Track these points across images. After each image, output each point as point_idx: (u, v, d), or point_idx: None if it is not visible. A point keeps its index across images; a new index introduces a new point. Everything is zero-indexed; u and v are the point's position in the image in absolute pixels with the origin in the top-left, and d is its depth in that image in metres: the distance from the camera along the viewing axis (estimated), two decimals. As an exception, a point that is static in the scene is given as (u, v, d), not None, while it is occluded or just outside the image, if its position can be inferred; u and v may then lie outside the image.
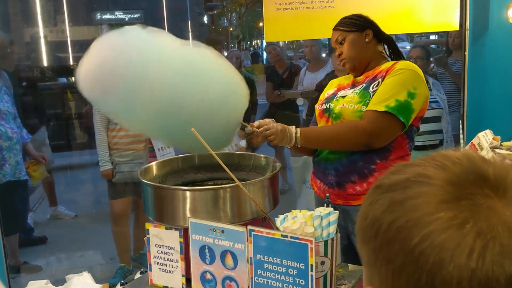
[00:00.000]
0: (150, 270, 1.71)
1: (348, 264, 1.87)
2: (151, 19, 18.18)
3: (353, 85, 2.26)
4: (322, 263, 1.54)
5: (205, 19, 19.33)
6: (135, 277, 1.90)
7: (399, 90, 2.06)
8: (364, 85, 2.18)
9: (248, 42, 23.51)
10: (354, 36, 2.22)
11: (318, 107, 2.34)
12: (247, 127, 2.00)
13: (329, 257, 1.54)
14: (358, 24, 2.22)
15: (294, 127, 2.08)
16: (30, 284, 2.07)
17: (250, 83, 5.64)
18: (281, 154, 5.69)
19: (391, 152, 2.15)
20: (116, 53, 1.70)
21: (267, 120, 2.08)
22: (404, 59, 2.28)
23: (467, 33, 3.33)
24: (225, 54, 6.00)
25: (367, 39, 2.22)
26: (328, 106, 2.26)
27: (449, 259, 0.54)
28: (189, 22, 17.74)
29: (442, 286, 0.55)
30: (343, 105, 2.18)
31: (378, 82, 2.12)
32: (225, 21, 20.31)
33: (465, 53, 3.38)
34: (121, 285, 1.87)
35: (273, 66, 5.93)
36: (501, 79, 3.28)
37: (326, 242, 1.53)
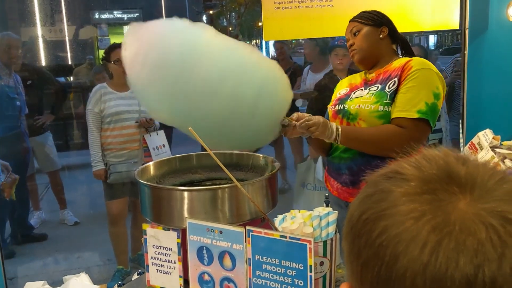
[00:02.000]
0: (148, 271, 1.70)
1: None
2: (150, 18, 18.14)
3: (366, 84, 2.24)
4: (321, 263, 1.52)
5: (204, 18, 19.33)
6: (133, 278, 1.88)
7: (425, 93, 2.04)
8: (379, 85, 2.15)
9: (247, 42, 23.51)
10: (369, 30, 2.20)
11: (331, 108, 2.32)
12: (286, 120, 1.98)
13: (328, 257, 1.53)
14: (376, 19, 2.21)
15: (335, 124, 2.07)
16: (27, 286, 2.06)
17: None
18: (281, 154, 5.68)
19: None
20: (167, 43, 1.72)
21: (305, 113, 2.05)
22: None
23: (467, 32, 3.32)
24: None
25: (381, 35, 2.21)
26: (342, 107, 2.24)
27: (404, 252, 0.53)
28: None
29: (398, 281, 0.54)
30: (359, 106, 2.15)
31: (394, 82, 2.09)
32: (224, 20, 20.30)
33: (465, 52, 3.36)
34: (118, 286, 1.85)
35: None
36: (500, 77, 3.27)
37: (325, 242, 1.52)
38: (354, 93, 2.24)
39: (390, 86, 2.10)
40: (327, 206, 1.76)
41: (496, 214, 0.53)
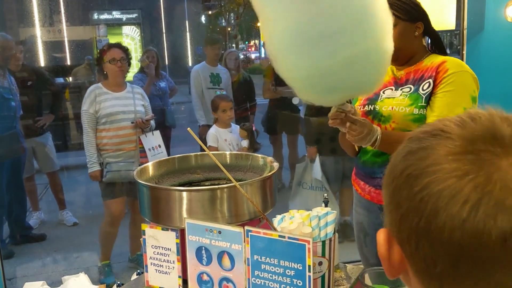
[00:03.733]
0: (147, 272, 1.70)
1: (346, 265, 1.86)
2: (149, 19, 18.17)
3: (396, 83, 2.15)
4: (320, 263, 1.52)
5: (203, 19, 19.33)
6: (132, 278, 1.88)
7: (464, 98, 1.98)
8: (411, 86, 2.08)
9: (246, 42, 23.51)
10: (404, 26, 2.07)
11: (359, 108, 2.21)
12: (347, 105, 1.90)
13: (327, 257, 1.53)
14: (412, 14, 2.08)
15: (378, 129, 1.96)
16: (26, 286, 2.06)
17: (249, 84, 5.66)
18: (279, 154, 5.69)
19: None
20: None
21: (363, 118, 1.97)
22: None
23: (465, 32, 3.32)
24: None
25: (416, 33, 2.09)
26: (372, 108, 2.16)
27: (444, 208, 0.56)
28: (187, 22, 17.73)
29: (436, 234, 0.57)
30: (392, 108, 2.08)
31: (429, 83, 2.02)
32: (223, 21, 20.30)
33: (463, 52, 3.37)
34: (117, 286, 1.85)
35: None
36: (497, 77, 3.27)
37: (324, 242, 1.52)
38: (383, 93, 2.16)
39: (424, 88, 2.03)
40: (326, 206, 1.76)
41: None
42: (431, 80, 2.03)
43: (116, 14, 18.78)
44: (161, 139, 4.04)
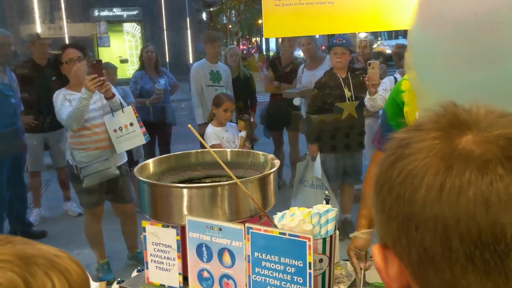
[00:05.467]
0: (147, 268, 1.70)
1: (347, 262, 1.86)
2: (149, 16, 18.17)
3: None
4: (321, 260, 1.52)
5: (204, 16, 19.32)
6: (132, 275, 1.88)
7: None
8: None
9: (247, 39, 23.49)
10: None
11: None
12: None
13: (328, 254, 1.53)
14: None
15: None
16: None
17: (249, 81, 5.65)
18: (280, 151, 5.69)
19: None
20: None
21: None
22: None
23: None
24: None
25: None
26: None
27: (420, 183, 0.58)
28: (188, 19, 17.73)
29: (419, 212, 0.58)
30: None
31: None
32: (224, 18, 20.29)
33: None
34: (118, 283, 1.85)
35: (273, 59, 5.89)
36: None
37: (324, 239, 1.52)
38: None
39: None
40: (327, 203, 1.76)
41: (502, 137, 0.58)
42: None
43: (117, 11, 18.78)
44: (133, 116, 3.64)
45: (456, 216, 0.55)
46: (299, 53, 6.97)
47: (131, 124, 3.63)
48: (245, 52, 16.28)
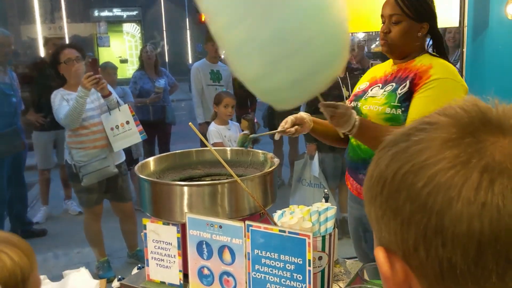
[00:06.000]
0: (148, 266, 1.71)
1: (346, 260, 1.88)
2: (149, 16, 18.17)
3: (385, 81, 2.12)
4: (320, 258, 1.53)
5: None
6: (133, 273, 1.89)
7: (439, 105, 1.86)
8: (394, 84, 2.05)
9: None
10: (409, 25, 2.01)
11: (348, 103, 2.21)
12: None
13: (327, 252, 1.54)
14: (421, 13, 2.01)
15: (355, 114, 1.93)
16: (27, 280, 2.06)
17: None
18: (280, 150, 5.70)
19: None
20: None
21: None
22: (447, 59, 2.10)
23: (465, 29, 3.32)
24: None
25: (420, 33, 2.03)
26: (356, 105, 2.15)
27: (457, 196, 0.53)
28: (187, 19, 17.72)
29: (452, 227, 0.53)
30: (369, 107, 2.08)
31: (406, 85, 1.99)
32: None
33: (463, 50, 3.37)
34: (118, 280, 1.86)
35: None
36: (500, 77, 3.27)
37: (323, 237, 1.53)
38: (371, 90, 2.14)
39: (401, 89, 2.01)
40: (326, 201, 1.77)
41: None
42: (408, 82, 2.00)
43: (117, 11, 18.78)
44: (129, 114, 3.66)
45: (496, 234, 0.52)
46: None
47: (127, 122, 3.66)
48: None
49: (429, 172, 0.55)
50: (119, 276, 1.86)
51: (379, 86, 2.14)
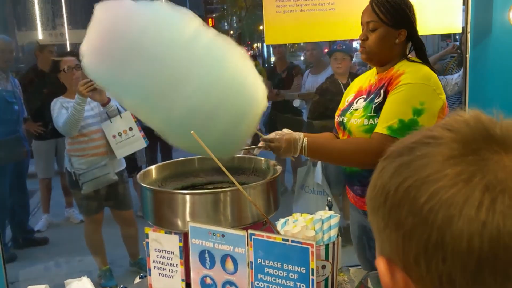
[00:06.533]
0: (150, 275, 1.70)
1: (350, 268, 1.86)
2: (151, 23, 18.19)
3: (369, 93, 2.10)
4: (323, 267, 1.52)
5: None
6: (135, 282, 1.88)
7: (403, 109, 1.89)
8: (372, 95, 2.04)
9: (248, 46, 23.53)
10: (386, 32, 2.00)
11: (336, 118, 2.21)
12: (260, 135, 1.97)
13: (330, 261, 1.53)
14: (396, 20, 1.99)
15: (301, 137, 1.95)
16: (28, 289, 2.05)
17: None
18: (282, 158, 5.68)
19: None
20: (132, 24, 1.62)
21: (277, 132, 1.99)
22: (429, 65, 2.07)
23: (469, 35, 3.32)
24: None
25: (397, 40, 2.01)
26: (342, 119, 2.14)
27: (458, 214, 0.54)
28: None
29: (452, 243, 0.54)
30: (352, 121, 2.06)
31: (380, 94, 1.99)
32: (226, 24, 20.32)
33: (466, 55, 3.36)
34: (120, 289, 1.85)
35: (273, 67, 5.97)
36: (503, 82, 3.26)
37: (327, 246, 1.52)
38: (356, 103, 2.13)
39: (377, 98, 1.99)
40: (329, 209, 1.76)
41: None
42: (382, 91, 1.99)
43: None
44: (132, 121, 3.61)
45: (495, 253, 0.53)
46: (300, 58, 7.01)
47: (130, 129, 3.63)
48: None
49: (432, 188, 0.56)
50: (121, 285, 1.85)
51: (363, 98, 2.12)
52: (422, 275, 0.58)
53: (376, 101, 2.00)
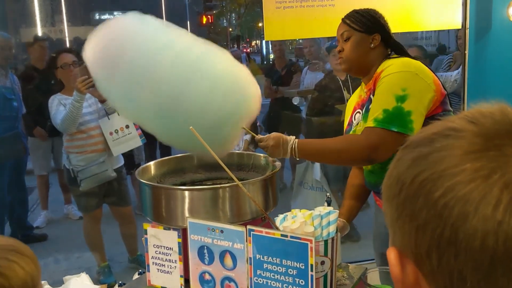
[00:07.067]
0: (148, 271, 1.70)
1: (349, 264, 1.86)
2: (150, 19, 18.18)
3: (362, 106, 2.09)
4: (322, 263, 1.52)
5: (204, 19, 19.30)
6: (133, 278, 1.88)
7: (384, 99, 1.90)
8: (366, 104, 2.04)
9: (247, 42, 23.51)
10: (360, 38, 2.03)
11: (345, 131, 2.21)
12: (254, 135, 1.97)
13: (329, 256, 1.53)
14: (367, 25, 2.04)
15: (292, 139, 1.96)
16: (27, 285, 2.05)
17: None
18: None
19: None
20: (127, 37, 1.71)
21: (268, 135, 1.98)
22: (409, 57, 2.08)
23: (467, 31, 3.31)
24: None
25: (372, 44, 2.04)
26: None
27: (474, 211, 0.51)
28: (188, 22, 17.74)
29: (466, 241, 0.52)
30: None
31: (371, 100, 1.98)
32: (225, 21, 20.30)
33: (466, 52, 3.35)
34: (119, 286, 1.85)
35: (272, 64, 5.98)
36: (503, 78, 3.26)
37: (326, 241, 1.52)
38: (354, 119, 2.13)
39: (370, 104, 1.99)
40: (328, 205, 1.76)
41: None
42: (371, 96, 1.99)
43: (118, 15, 18.80)
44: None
45: (510, 252, 0.51)
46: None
47: (127, 127, 3.66)
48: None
49: (448, 183, 0.54)
50: (120, 282, 1.85)
51: (359, 112, 2.12)
52: (433, 269, 0.56)
53: (370, 107, 1.99)
